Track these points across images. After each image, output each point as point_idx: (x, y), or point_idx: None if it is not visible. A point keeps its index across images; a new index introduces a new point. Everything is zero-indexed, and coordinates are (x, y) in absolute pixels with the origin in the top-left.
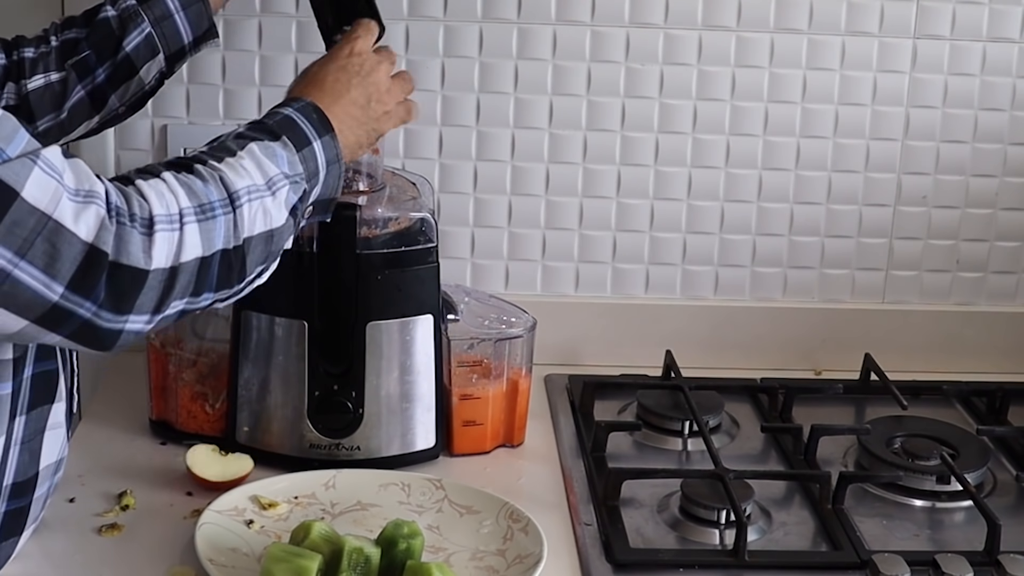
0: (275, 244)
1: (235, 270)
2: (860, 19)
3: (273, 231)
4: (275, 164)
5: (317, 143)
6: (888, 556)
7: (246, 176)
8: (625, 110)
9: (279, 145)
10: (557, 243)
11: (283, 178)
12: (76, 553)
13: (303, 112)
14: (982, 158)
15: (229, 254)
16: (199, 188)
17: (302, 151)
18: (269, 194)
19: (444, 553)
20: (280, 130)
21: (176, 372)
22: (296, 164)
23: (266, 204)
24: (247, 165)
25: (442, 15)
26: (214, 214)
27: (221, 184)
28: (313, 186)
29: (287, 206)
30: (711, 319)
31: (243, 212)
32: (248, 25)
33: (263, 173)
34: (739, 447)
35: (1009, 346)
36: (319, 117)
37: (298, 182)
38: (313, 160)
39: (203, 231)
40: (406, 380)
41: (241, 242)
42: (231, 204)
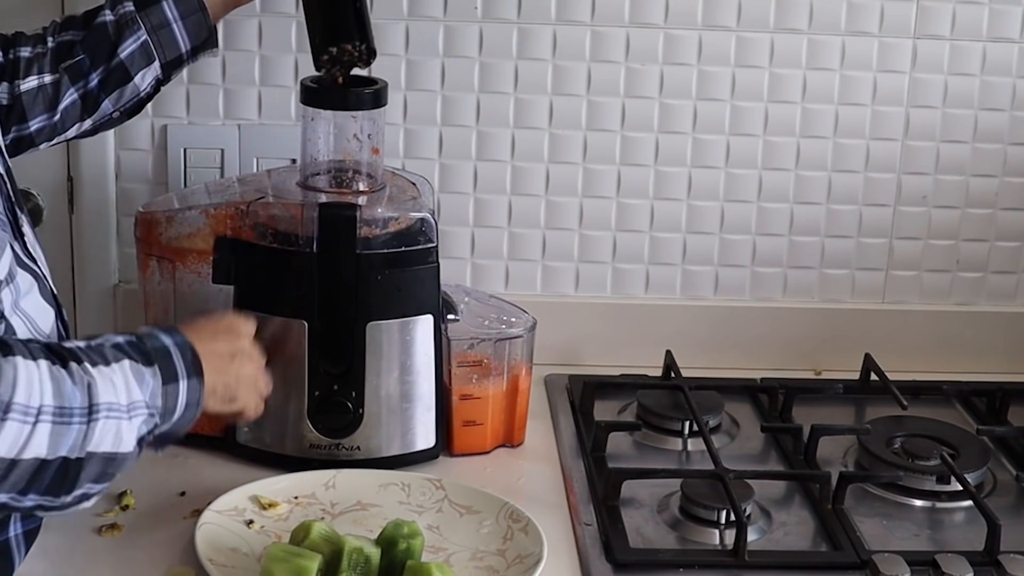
0: (114, 467)
1: (67, 481)
2: (860, 19)
3: (117, 455)
4: (140, 390)
5: (184, 383)
6: (888, 556)
7: (111, 392)
8: (625, 110)
9: (149, 372)
10: (557, 243)
11: (143, 407)
12: (76, 553)
13: (180, 347)
14: (982, 158)
15: (68, 464)
16: (67, 389)
17: (167, 386)
18: (126, 417)
19: (444, 553)
20: (155, 358)
21: None
22: (157, 397)
23: (121, 427)
24: (116, 380)
25: (442, 15)
26: (70, 421)
27: (87, 392)
28: (165, 422)
29: (137, 435)
30: (711, 319)
31: (96, 427)
32: (248, 25)
33: (128, 395)
34: (739, 447)
35: (1009, 346)
36: (193, 358)
37: (153, 415)
38: (174, 398)
39: (53, 434)
40: (406, 380)
41: (84, 455)
42: (88, 415)
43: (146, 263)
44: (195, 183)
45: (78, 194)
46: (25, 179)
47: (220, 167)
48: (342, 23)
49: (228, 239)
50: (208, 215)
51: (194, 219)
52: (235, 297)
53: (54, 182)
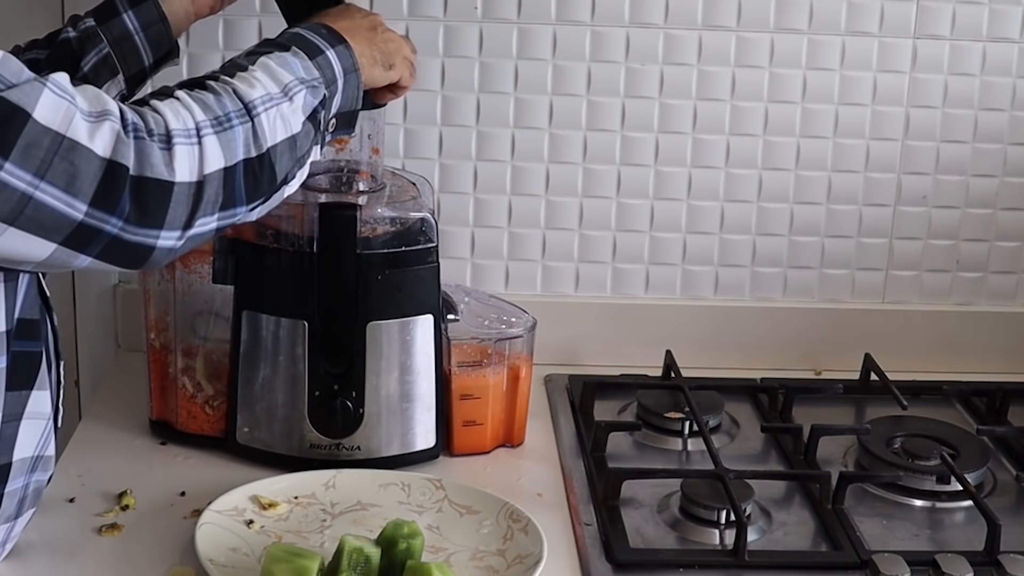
0: (298, 150)
1: (263, 179)
2: (860, 19)
3: (295, 136)
4: (289, 71)
5: (331, 51)
6: (888, 556)
7: (259, 86)
8: (625, 110)
9: (290, 54)
10: (557, 243)
11: (299, 83)
12: (76, 553)
13: (311, 28)
14: (982, 158)
15: (253, 163)
16: (212, 101)
17: (316, 59)
18: (286, 100)
19: (444, 553)
20: (290, 42)
21: (176, 372)
22: (312, 70)
23: (283, 111)
24: (259, 76)
25: (442, 15)
26: (231, 124)
27: (235, 96)
28: (333, 93)
29: (305, 111)
30: (711, 319)
31: (261, 121)
32: (248, 25)
33: (277, 82)
34: (739, 447)
35: (1009, 346)
36: (328, 31)
37: (316, 86)
38: (329, 68)
39: (222, 142)
40: (406, 380)
41: (264, 151)
42: (248, 114)
43: None
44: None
45: None
46: None
47: None
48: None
49: (228, 239)
50: None
51: None
52: (235, 297)
53: None
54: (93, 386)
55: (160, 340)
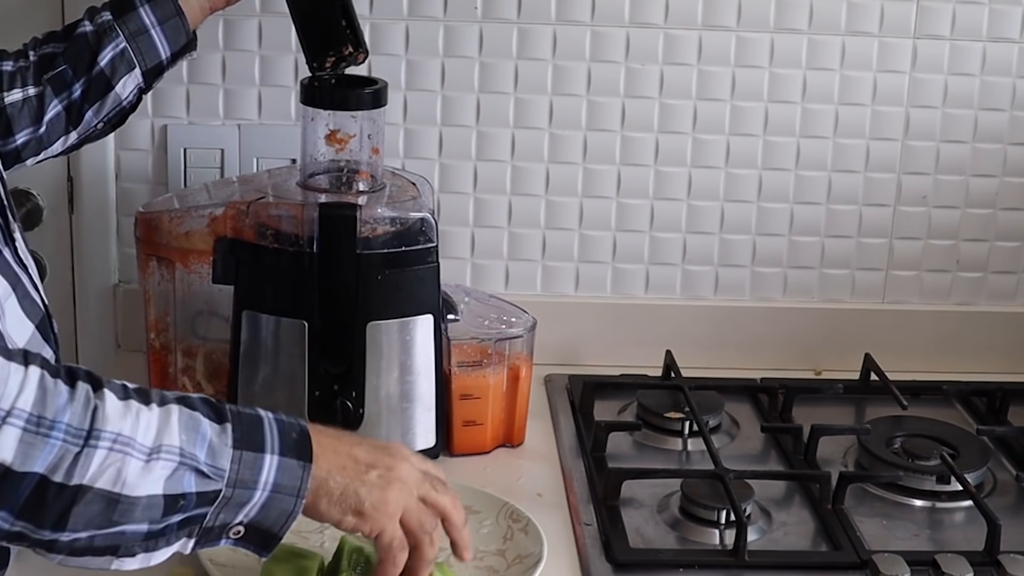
0: (118, 515)
1: (51, 510)
2: (860, 19)
3: (120, 498)
4: (183, 437)
5: (272, 458)
6: (888, 556)
7: (129, 424)
8: (625, 110)
9: (214, 428)
10: (557, 243)
11: (179, 456)
12: None
13: (283, 425)
14: (982, 158)
15: (50, 487)
16: (56, 403)
17: (241, 452)
18: (141, 458)
19: (444, 553)
20: (232, 419)
21: (176, 372)
22: (219, 455)
23: (128, 465)
24: (144, 418)
25: (442, 15)
26: (48, 436)
27: (90, 415)
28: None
29: (165, 487)
30: (711, 319)
31: (92, 455)
32: (248, 25)
33: (156, 436)
34: (739, 447)
35: (1009, 346)
36: (300, 441)
37: (206, 478)
38: (250, 471)
39: (23, 442)
40: (406, 380)
41: (71, 484)
42: (84, 439)
43: (146, 263)
44: (195, 183)
45: (78, 194)
46: (25, 179)
47: (220, 167)
48: (333, 29)
49: (228, 239)
50: (208, 215)
51: (194, 219)
52: (235, 297)
53: (54, 182)
54: None
55: (160, 340)
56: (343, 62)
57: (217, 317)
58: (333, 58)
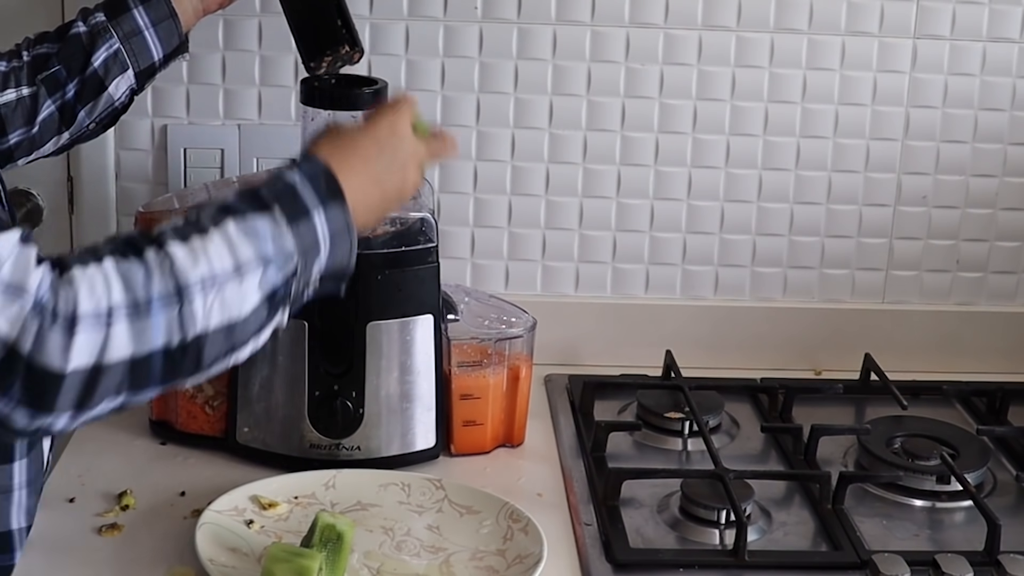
0: (239, 334)
1: (183, 366)
2: (860, 19)
3: (234, 323)
4: (251, 244)
5: (319, 213)
6: (888, 556)
7: (204, 263)
8: (625, 110)
9: (265, 220)
10: (557, 243)
11: (258, 261)
12: (76, 553)
13: (310, 177)
14: (982, 158)
15: (173, 352)
16: (139, 281)
17: (295, 224)
18: (234, 280)
19: (444, 553)
20: (274, 200)
21: None
22: (284, 240)
23: (226, 295)
24: (212, 248)
25: (442, 15)
26: (150, 311)
27: (170, 275)
28: (311, 260)
29: (261, 290)
30: (711, 319)
31: (193, 307)
32: (248, 25)
33: (232, 256)
34: (739, 447)
35: (1009, 346)
36: (328, 183)
37: (284, 262)
38: (310, 234)
39: (135, 331)
40: (406, 380)
41: (190, 338)
42: (178, 297)
43: None
44: (195, 183)
45: (78, 194)
46: (25, 179)
47: (220, 167)
48: (329, 28)
49: None
50: None
51: None
52: None
53: (54, 182)
54: None
55: None
56: (339, 62)
57: None
58: (330, 58)
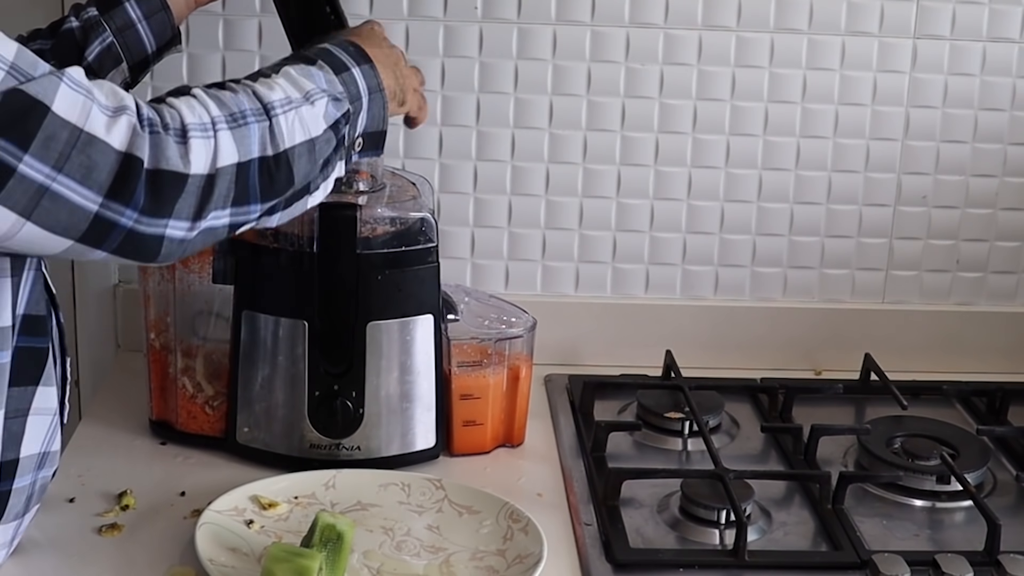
0: (318, 154)
1: (279, 179)
2: (860, 19)
3: (315, 140)
4: (311, 81)
5: (356, 69)
6: (888, 556)
7: (279, 90)
8: (625, 110)
9: (315, 68)
10: (557, 243)
11: (321, 92)
12: (76, 553)
13: (339, 45)
14: (982, 158)
15: (268, 162)
16: (229, 99)
17: (341, 74)
18: (307, 104)
19: (444, 553)
20: (316, 56)
21: (176, 372)
22: (335, 84)
23: (302, 114)
24: (281, 82)
25: (442, 15)
26: (246, 121)
27: (254, 95)
28: (357, 109)
29: (327, 119)
30: (711, 319)
31: (279, 121)
32: (248, 25)
33: (299, 88)
34: (739, 447)
35: (1009, 346)
36: (356, 50)
37: (339, 99)
38: (354, 84)
39: (237, 137)
40: (406, 380)
41: (281, 151)
42: (265, 113)
43: None
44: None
45: None
46: None
47: None
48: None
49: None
50: None
51: None
52: (235, 297)
53: None
54: (93, 386)
55: (160, 340)
56: None
57: (217, 317)
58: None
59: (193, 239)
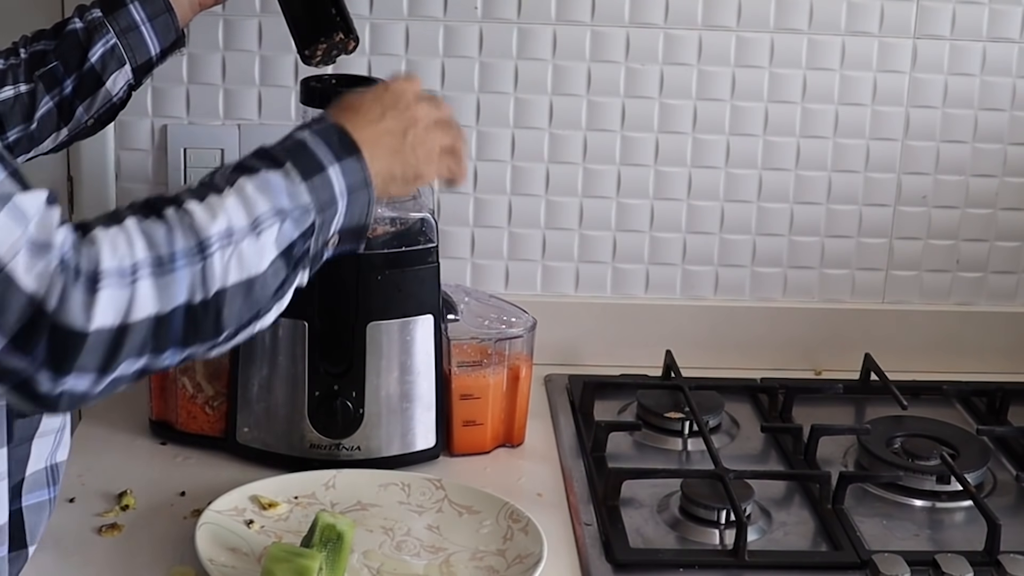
0: (259, 292)
1: (204, 325)
2: (860, 19)
3: (253, 279)
4: (267, 199)
5: (334, 168)
6: (888, 556)
7: (223, 218)
8: (625, 110)
9: (279, 175)
10: (557, 243)
11: (274, 215)
12: (76, 553)
13: (322, 135)
14: (982, 158)
15: (195, 309)
16: (161, 238)
17: (311, 179)
18: (251, 236)
19: (444, 553)
20: (286, 157)
21: (176, 372)
22: (299, 196)
23: (243, 250)
24: (229, 204)
25: (442, 15)
26: (174, 267)
27: (191, 230)
28: (329, 217)
29: (278, 245)
30: (711, 319)
31: (213, 262)
32: (248, 25)
33: (248, 212)
34: (739, 447)
35: (1009, 346)
36: (341, 139)
37: (300, 217)
38: (327, 189)
39: (160, 286)
40: (406, 380)
41: (210, 295)
42: (200, 253)
43: None
44: (195, 183)
45: (78, 194)
46: None
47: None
48: (323, 15)
49: None
50: None
51: None
52: None
53: (54, 182)
54: None
55: None
56: (334, 50)
57: None
58: (324, 45)
59: (100, 391)
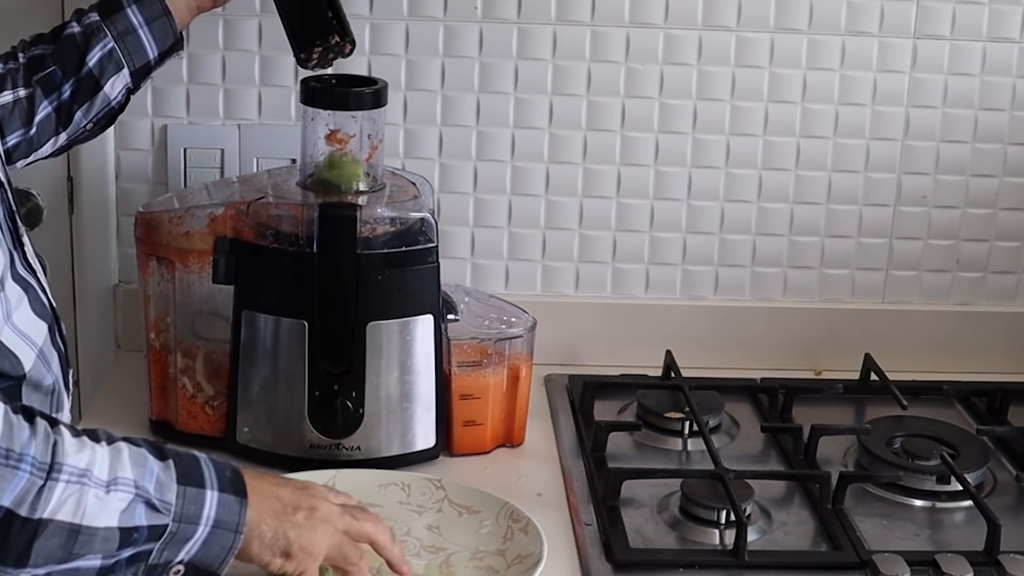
0: (78, 547)
1: (15, 544)
2: (860, 19)
3: (80, 529)
4: (136, 471)
5: (213, 493)
6: (888, 556)
7: (86, 457)
8: (625, 110)
9: (158, 463)
10: (557, 243)
11: (134, 488)
12: None
13: (218, 464)
14: (982, 158)
15: (15, 521)
16: (22, 437)
17: (185, 486)
18: (102, 489)
19: (444, 553)
20: (174, 457)
21: (176, 372)
22: (167, 491)
23: (87, 496)
24: (99, 452)
25: (442, 15)
26: (18, 466)
27: (50, 449)
28: (185, 533)
29: (121, 519)
30: (711, 319)
31: (55, 488)
32: (248, 25)
33: (112, 469)
34: (739, 447)
35: (1009, 346)
36: (234, 478)
37: (158, 509)
38: (196, 505)
39: None
40: (406, 380)
41: (35, 518)
42: (46, 472)
43: (146, 263)
44: (195, 183)
45: (78, 194)
46: (25, 179)
47: (220, 167)
48: (319, 18)
49: (228, 239)
50: (208, 215)
51: (194, 219)
52: (235, 297)
53: (54, 182)
54: (93, 386)
55: (160, 340)
56: (330, 53)
57: (217, 317)
58: (320, 48)
59: None
